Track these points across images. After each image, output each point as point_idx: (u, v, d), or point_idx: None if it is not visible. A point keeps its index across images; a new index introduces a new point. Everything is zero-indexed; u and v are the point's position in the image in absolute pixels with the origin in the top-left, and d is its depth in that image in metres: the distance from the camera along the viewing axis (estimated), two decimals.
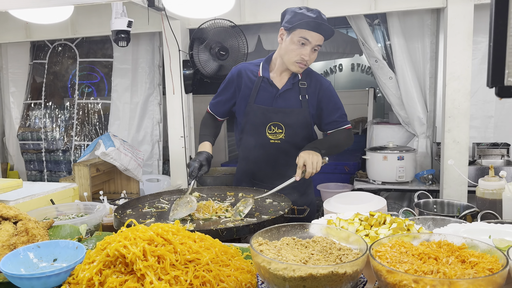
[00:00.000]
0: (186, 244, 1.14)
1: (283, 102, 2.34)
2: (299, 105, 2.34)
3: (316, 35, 2.14)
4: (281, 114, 2.34)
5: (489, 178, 1.64)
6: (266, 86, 2.35)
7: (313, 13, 2.14)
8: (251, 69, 2.40)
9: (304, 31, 2.14)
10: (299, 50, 2.18)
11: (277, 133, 2.35)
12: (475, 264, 0.91)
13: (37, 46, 4.85)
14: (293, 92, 2.34)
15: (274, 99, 2.34)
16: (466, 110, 3.30)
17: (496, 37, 0.69)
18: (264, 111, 2.34)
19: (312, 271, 0.89)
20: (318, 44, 2.18)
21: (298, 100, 2.34)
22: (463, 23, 3.22)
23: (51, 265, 1.31)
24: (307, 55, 2.18)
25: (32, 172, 4.95)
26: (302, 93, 2.33)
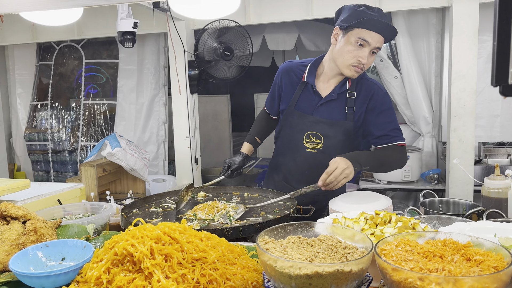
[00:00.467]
0: (193, 242, 1.15)
1: (325, 113, 2.16)
2: (343, 118, 2.13)
3: (376, 35, 1.93)
4: (321, 125, 2.17)
5: (494, 177, 1.64)
6: (308, 92, 2.19)
7: (374, 11, 1.94)
8: (297, 71, 2.25)
9: (364, 30, 1.93)
10: (356, 51, 1.97)
11: (314, 142, 2.20)
12: (480, 262, 0.91)
13: (43, 48, 4.89)
14: (338, 102, 2.14)
15: (315, 108, 2.17)
16: (472, 109, 3.29)
17: (500, 36, 0.69)
18: (304, 118, 2.20)
19: (318, 269, 0.90)
20: (377, 46, 1.97)
21: (343, 112, 2.13)
22: (468, 22, 3.21)
23: (60, 264, 1.33)
24: (364, 58, 1.96)
25: (39, 173, 4.99)
26: (349, 105, 2.11)
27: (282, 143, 2.38)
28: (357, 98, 2.11)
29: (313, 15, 3.68)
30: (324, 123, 2.16)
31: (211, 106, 6.12)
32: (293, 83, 2.24)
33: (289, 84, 2.26)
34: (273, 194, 2.29)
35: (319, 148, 2.20)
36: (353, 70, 2.02)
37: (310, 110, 2.19)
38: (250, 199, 2.29)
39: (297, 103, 2.22)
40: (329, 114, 2.16)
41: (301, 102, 2.21)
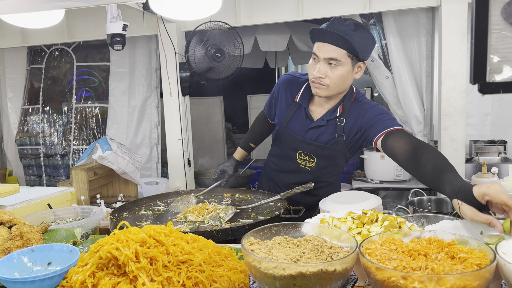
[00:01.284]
0: (179, 245, 1.15)
1: (316, 136, 2.13)
2: (335, 143, 2.10)
3: (325, 46, 1.85)
4: (312, 147, 2.15)
5: (482, 174, 1.65)
6: (301, 114, 2.15)
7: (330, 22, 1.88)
8: (295, 88, 2.18)
9: (316, 44, 1.90)
10: (312, 67, 1.93)
11: (308, 161, 2.19)
12: (464, 259, 0.91)
13: (34, 51, 4.86)
14: (328, 128, 2.09)
15: (306, 130, 2.14)
16: (462, 108, 3.31)
17: (477, 34, 0.70)
18: (295, 138, 2.17)
19: (302, 269, 0.90)
20: (330, 57, 1.85)
21: (334, 137, 2.09)
22: (457, 21, 3.23)
23: (46, 268, 1.32)
24: (318, 72, 1.89)
25: (31, 177, 4.95)
26: (339, 132, 2.06)
27: (277, 151, 2.37)
28: (346, 124, 2.04)
29: (303, 16, 3.68)
30: (315, 146, 2.14)
31: (204, 108, 6.11)
32: (288, 100, 2.20)
33: (285, 100, 2.21)
34: (264, 195, 2.29)
35: (312, 166, 2.19)
36: (313, 86, 1.97)
37: (301, 131, 2.15)
38: (241, 201, 2.28)
39: (289, 122, 2.18)
40: (320, 138, 2.12)
41: (293, 121, 2.17)
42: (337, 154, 2.14)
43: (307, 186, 2.14)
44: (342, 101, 2.05)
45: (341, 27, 1.82)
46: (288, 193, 2.10)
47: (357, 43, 1.83)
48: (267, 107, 2.43)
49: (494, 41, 0.68)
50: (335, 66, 1.87)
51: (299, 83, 2.17)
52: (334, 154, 2.14)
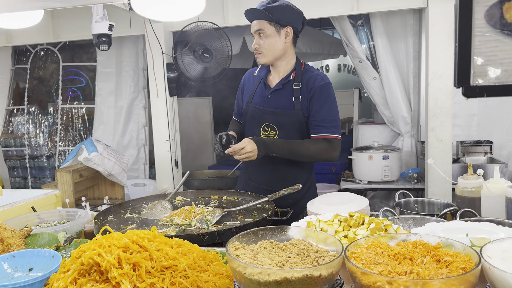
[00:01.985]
0: (163, 250, 1.13)
1: (275, 103, 2.28)
2: (292, 107, 2.23)
3: (253, 22, 2.21)
4: (273, 116, 2.27)
5: (468, 176, 1.65)
6: (261, 86, 2.36)
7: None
8: (253, 72, 2.45)
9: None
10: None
11: (270, 134, 2.29)
12: (450, 263, 0.91)
13: (18, 51, 4.78)
14: (284, 93, 2.26)
15: (265, 99, 2.31)
16: (449, 109, 3.33)
17: (461, 38, 0.69)
18: (258, 111, 2.32)
19: (287, 275, 0.88)
20: (257, 29, 2.19)
21: (291, 101, 2.23)
22: (443, 23, 3.25)
23: (26, 275, 1.29)
24: (255, 44, 2.22)
25: (16, 179, 4.87)
26: (295, 95, 2.22)
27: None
28: (302, 88, 2.24)
29: None
30: (275, 114, 2.27)
31: (192, 109, 6.07)
32: (253, 81, 2.42)
33: (251, 83, 2.43)
34: (251, 197, 2.28)
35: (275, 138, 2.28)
36: (256, 57, 2.28)
37: (262, 102, 2.33)
38: (229, 203, 2.26)
39: (253, 99, 2.37)
40: (279, 105, 2.27)
41: (256, 97, 2.36)
42: (295, 122, 2.24)
43: (295, 187, 2.13)
44: (294, 70, 2.30)
45: (259, 5, 2.17)
46: (275, 195, 2.09)
47: (274, 12, 2.14)
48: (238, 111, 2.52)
49: (478, 44, 0.68)
50: (263, 36, 2.19)
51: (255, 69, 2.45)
52: (293, 122, 2.24)
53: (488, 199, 1.49)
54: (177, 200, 2.33)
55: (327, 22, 4.89)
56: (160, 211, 2.08)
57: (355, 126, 4.65)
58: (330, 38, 6.42)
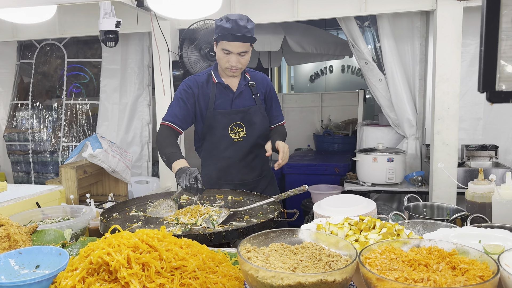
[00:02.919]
0: (172, 250, 1.11)
1: (241, 103, 2.52)
2: (254, 103, 2.55)
3: (236, 44, 2.31)
4: (240, 114, 2.51)
5: (478, 181, 1.64)
6: (222, 91, 2.51)
7: (230, 23, 2.28)
8: (203, 79, 2.53)
9: (225, 42, 2.31)
10: (226, 58, 2.36)
11: (238, 132, 2.52)
12: (466, 271, 0.89)
13: (24, 46, 4.77)
14: (246, 92, 2.54)
15: (232, 101, 2.50)
16: (455, 112, 3.31)
17: (487, 41, 0.67)
18: (225, 114, 2.49)
19: (301, 280, 0.87)
20: (242, 51, 2.33)
21: (252, 98, 2.55)
22: (452, 26, 3.23)
23: (33, 272, 1.28)
24: (234, 62, 2.36)
25: (19, 174, 4.87)
26: (254, 92, 2.56)
27: (209, 145, 2.58)
28: (257, 87, 2.58)
29: (299, 16, 3.66)
30: (242, 112, 2.51)
31: None
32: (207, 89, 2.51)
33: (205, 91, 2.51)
34: (257, 197, 2.27)
35: (243, 135, 2.53)
36: (229, 71, 2.42)
37: (228, 105, 2.51)
38: (234, 203, 2.25)
39: (215, 104, 2.50)
40: (244, 103, 2.53)
41: (218, 101, 2.50)
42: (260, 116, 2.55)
43: (301, 189, 2.13)
44: (245, 71, 2.55)
45: (243, 29, 2.29)
46: (282, 196, 2.08)
47: (253, 33, 2.36)
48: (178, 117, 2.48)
49: (504, 48, 0.66)
50: (244, 55, 2.37)
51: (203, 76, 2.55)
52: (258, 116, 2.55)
53: (500, 205, 1.47)
54: (182, 198, 2.32)
55: (332, 23, 4.87)
56: (165, 209, 2.07)
57: (359, 128, 4.63)
58: (335, 38, 6.39)
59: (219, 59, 2.41)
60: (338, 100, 6.43)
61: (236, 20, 2.28)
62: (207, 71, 2.58)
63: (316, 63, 9.82)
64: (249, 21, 2.34)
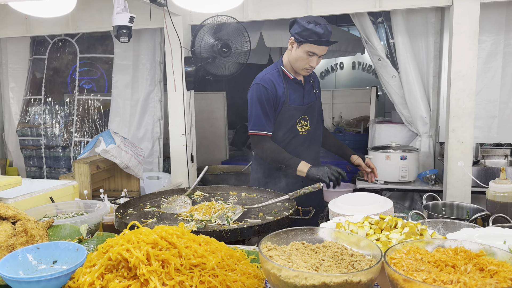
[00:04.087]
0: (191, 247, 1.10)
1: (308, 98, 2.65)
2: (315, 98, 2.69)
3: (324, 48, 2.43)
4: (307, 108, 2.63)
5: (500, 180, 1.60)
6: (295, 86, 2.60)
7: (321, 27, 2.37)
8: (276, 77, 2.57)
9: (313, 46, 2.39)
10: (307, 59, 2.45)
11: (303, 125, 2.63)
12: (495, 272, 0.87)
13: (37, 41, 4.79)
14: (310, 88, 2.68)
15: (303, 96, 2.62)
16: (471, 110, 3.26)
17: None
18: (297, 108, 2.59)
19: (326, 280, 0.85)
20: (323, 54, 2.48)
21: (314, 94, 2.69)
22: (469, 22, 3.18)
23: (51, 267, 1.27)
24: (315, 63, 2.48)
25: (32, 169, 4.90)
26: (315, 87, 2.71)
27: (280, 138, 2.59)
28: (314, 83, 2.72)
29: (312, 12, 3.62)
30: (308, 107, 2.63)
31: (207, 103, 6.05)
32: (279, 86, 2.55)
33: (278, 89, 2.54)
34: (271, 195, 2.25)
35: (308, 129, 2.64)
36: (305, 71, 2.54)
37: (301, 100, 2.61)
38: (248, 199, 2.24)
39: (290, 99, 2.57)
40: (310, 99, 2.66)
41: (292, 96, 2.58)
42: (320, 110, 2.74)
43: (316, 186, 2.11)
44: None
45: (330, 33, 2.41)
46: (296, 193, 2.06)
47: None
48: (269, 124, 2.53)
49: None
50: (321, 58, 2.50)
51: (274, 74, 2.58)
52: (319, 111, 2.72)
53: None
54: (195, 195, 2.31)
55: (343, 19, 4.83)
56: (179, 205, 2.07)
57: (372, 125, 4.58)
58: (347, 35, 6.33)
59: (299, 59, 2.47)
60: (349, 97, 6.38)
61: (326, 25, 2.39)
62: (273, 68, 2.62)
63: (326, 60, 9.76)
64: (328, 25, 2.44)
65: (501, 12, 3.72)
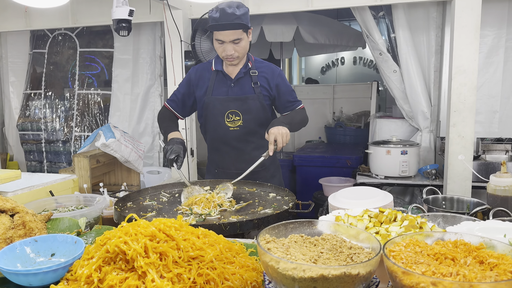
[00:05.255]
0: (190, 240, 1.10)
1: (238, 91, 2.47)
2: (253, 92, 2.47)
3: (226, 33, 2.27)
4: (237, 102, 2.46)
5: (501, 174, 1.60)
6: (220, 78, 2.49)
7: (218, 12, 2.24)
8: (206, 67, 2.55)
9: (216, 33, 2.30)
10: (221, 48, 2.35)
11: (235, 120, 2.48)
12: (495, 265, 0.86)
13: (37, 36, 4.78)
14: (246, 80, 2.48)
15: (229, 88, 2.47)
16: (472, 105, 3.25)
17: None
18: (221, 101, 2.47)
19: (324, 272, 0.85)
20: (234, 38, 2.29)
21: (251, 87, 2.47)
22: (470, 16, 3.16)
23: (49, 260, 1.27)
24: (229, 51, 2.32)
25: (32, 163, 4.90)
26: (254, 81, 2.48)
27: (208, 132, 2.59)
28: (259, 75, 2.49)
29: (312, 6, 3.61)
30: (239, 100, 2.46)
31: None
32: (207, 76, 2.51)
33: (205, 78, 2.52)
34: (271, 188, 2.25)
35: (240, 124, 2.48)
36: (227, 61, 2.40)
37: (225, 92, 2.48)
38: (247, 194, 2.24)
39: (213, 91, 2.49)
40: (242, 91, 2.48)
41: (216, 89, 2.49)
42: (258, 105, 2.47)
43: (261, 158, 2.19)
44: (248, 59, 2.50)
45: (231, 16, 2.23)
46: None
47: (244, 19, 2.27)
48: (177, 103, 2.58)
49: None
50: (238, 43, 2.32)
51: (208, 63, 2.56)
52: (256, 105, 2.47)
53: None
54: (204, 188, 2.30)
55: (344, 13, 4.80)
56: None
57: (372, 120, 4.57)
58: (348, 29, 6.30)
59: (216, 49, 2.40)
60: (350, 92, 6.36)
61: (223, 8, 2.24)
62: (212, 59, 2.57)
63: (327, 55, 9.73)
64: (239, 7, 2.27)
65: (503, 7, 3.69)
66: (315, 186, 4.57)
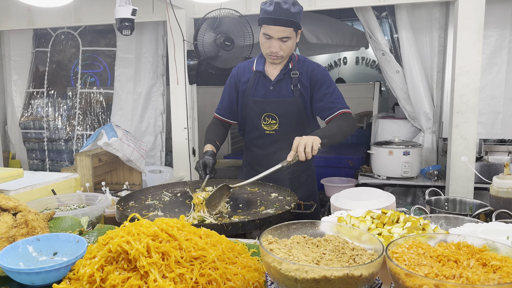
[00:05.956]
0: (192, 240, 1.10)
1: (276, 93, 2.39)
2: (291, 95, 2.37)
3: (276, 28, 2.18)
4: (273, 105, 2.39)
5: (504, 176, 1.59)
6: (260, 79, 2.42)
7: (272, 5, 2.15)
8: (248, 66, 2.49)
9: (266, 26, 2.21)
10: (267, 43, 2.25)
11: (271, 124, 2.41)
12: (498, 268, 0.86)
13: (39, 34, 4.79)
14: (285, 82, 2.39)
15: (267, 90, 2.40)
16: (475, 106, 3.24)
17: None
18: (259, 103, 2.40)
19: (326, 273, 0.84)
20: (283, 36, 2.20)
21: (290, 90, 2.38)
22: (474, 17, 3.15)
23: (51, 259, 1.27)
24: (274, 48, 2.24)
25: (34, 161, 4.91)
26: (294, 83, 2.37)
27: (246, 133, 2.55)
28: (300, 76, 2.38)
29: (316, 6, 3.60)
30: (276, 103, 2.38)
31: (209, 97, 6.03)
32: (248, 76, 2.46)
33: (246, 78, 2.46)
34: (272, 189, 2.24)
35: (276, 128, 2.41)
36: (270, 58, 2.32)
37: (263, 94, 2.41)
38: (249, 193, 2.24)
39: (252, 92, 2.43)
40: (279, 94, 2.39)
41: (255, 90, 2.42)
42: (295, 109, 2.37)
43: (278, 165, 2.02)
44: (290, 60, 2.40)
45: (285, 12, 2.14)
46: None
47: (298, 18, 2.20)
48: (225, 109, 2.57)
49: None
50: (286, 41, 2.23)
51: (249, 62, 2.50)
52: (293, 110, 2.36)
53: None
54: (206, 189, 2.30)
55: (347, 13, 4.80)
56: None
57: (375, 120, 4.57)
58: (351, 29, 6.30)
59: (261, 44, 2.31)
60: (352, 92, 6.34)
61: (279, 2, 2.14)
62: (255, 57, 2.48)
63: (330, 55, 9.72)
64: (295, 5, 2.18)
65: (507, 7, 3.68)
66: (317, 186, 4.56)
